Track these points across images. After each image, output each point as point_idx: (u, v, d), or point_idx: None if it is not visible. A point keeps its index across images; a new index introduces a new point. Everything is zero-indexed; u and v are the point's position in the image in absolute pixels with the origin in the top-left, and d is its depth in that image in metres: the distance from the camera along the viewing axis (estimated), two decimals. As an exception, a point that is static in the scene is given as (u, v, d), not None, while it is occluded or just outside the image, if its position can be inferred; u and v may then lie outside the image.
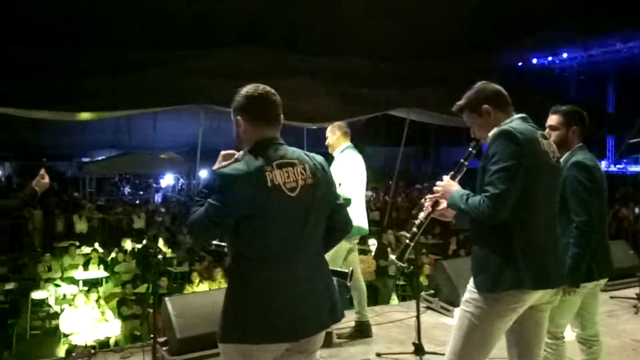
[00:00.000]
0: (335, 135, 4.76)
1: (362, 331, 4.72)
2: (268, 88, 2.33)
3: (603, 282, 3.16)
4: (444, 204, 2.62)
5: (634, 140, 12.60)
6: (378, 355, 4.27)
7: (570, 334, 3.21)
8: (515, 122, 2.47)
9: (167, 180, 23.46)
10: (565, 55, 24.69)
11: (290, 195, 2.17)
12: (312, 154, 2.36)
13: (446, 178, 2.63)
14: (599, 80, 25.53)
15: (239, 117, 2.29)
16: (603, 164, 23.80)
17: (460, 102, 2.62)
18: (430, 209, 2.67)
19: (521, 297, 2.35)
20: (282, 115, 2.33)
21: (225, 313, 2.20)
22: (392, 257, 2.88)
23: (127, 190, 23.17)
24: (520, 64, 24.79)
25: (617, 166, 23.01)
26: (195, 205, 2.22)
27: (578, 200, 2.91)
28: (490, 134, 2.47)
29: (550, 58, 25.22)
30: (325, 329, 2.31)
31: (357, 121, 17.68)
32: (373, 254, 10.41)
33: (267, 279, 2.17)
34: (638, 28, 20.70)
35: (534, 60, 25.14)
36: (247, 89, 2.32)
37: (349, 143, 4.76)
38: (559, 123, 3.11)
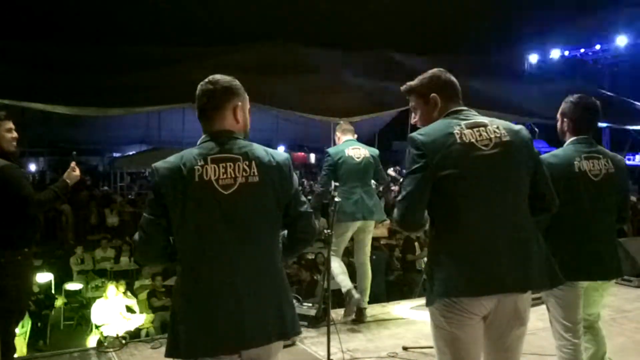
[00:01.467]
0: (337, 137, 5.17)
1: (357, 317, 4.90)
2: (210, 78, 2.23)
3: (595, 284, 2.95)
4: None
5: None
6: (405, 349, 4.27)
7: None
8: (433, 123, 2.34)
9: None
10: (598, 47, 24.12)
11: (223, 193, 2.01)
12: (276, 152, 2.19)
13: None
14: (634, 71, 24.89)
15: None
16: (637, 158, 23.19)
17: (412, 84, 2.53)
18: None
19: (456, 305, 2.15)
20: (229, 106, 2.18)
21: (169, 328, 2.08)
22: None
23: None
24: (550, 56, 24.33)
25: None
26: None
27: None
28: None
29: (582, 50, 24.67)
30: (266, 343, 2.08)
31: (385, 116, 17.65)
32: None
33: (199, 287, 2.01)
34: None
35: (566, 52, 24.62)
36: (202, 81, 2.23)
37: (348, 137, 5.08)
38: (558, 113, 3.06)
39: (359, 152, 4.96)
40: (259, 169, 2.07)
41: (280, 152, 2.23)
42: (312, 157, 34.69)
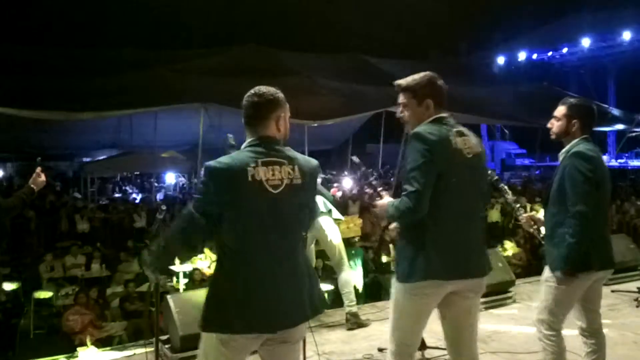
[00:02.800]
0: None
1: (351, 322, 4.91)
2: (261, 90, 2.42)
3: (604, 274, 3.16)
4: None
5: (634, 133, 12.57)
6: (380, 350, 4.29)
7: (570, 329, 3.21)
8: (428, 124, 2.59)
9: (169, 179, 23.46)
10: (565, 50, 24.66)
11: (272, 192, 2.26)
12: (310, 159, 2.46)
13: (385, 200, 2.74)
14: (600, 74, 25.52)
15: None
16: (604, 158, 23.80)
17: (406, 84, 2.72)
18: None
19: (433, 286, 2.53)
20: (276, 116, 2.40)
21: (207, 302, 2.30)
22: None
23: (128, 189, 23.18)
24: (519, 59, 24.78)
25: (619, 160, 22.98)
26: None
27: (575, 190, 2.94)
28: (411, 132, 2.61)
29: (550, 53, 25.19)
30: (304, 321, 2.40)
31: (360, 118, 17.73)
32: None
33: (247, 272, 2.26)
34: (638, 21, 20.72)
35: (534, 56, 25.11)
36: (249, 92, 2.43)
37: None
38: (562, 115, 3.14)
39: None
40: (301, 172, 2.35)
41: (312, 159, 2.48)
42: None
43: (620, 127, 19.63)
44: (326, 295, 5.20)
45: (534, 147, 20.40)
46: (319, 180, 5.20)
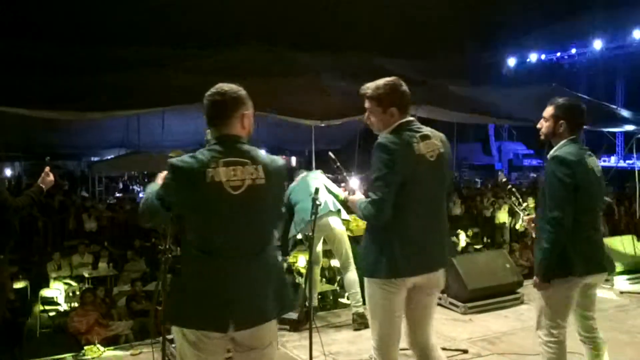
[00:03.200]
0: None
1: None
2: (222, 87, 2.41)
3: (593, 279, 3.05)
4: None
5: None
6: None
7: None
8: (391, 133, 2.72)
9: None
10: (574, 51, 24.51)
11: (232, 193, 2.23)
12: (276, 157, 2.45)
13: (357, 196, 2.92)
14: (609, 75, 25.34)
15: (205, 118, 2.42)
16: (612, 159, 23.61)
17: (370, 93, 2.83)
18: None
19: (396, 282, 2.71)
20: (239, 114, 2.38)
21: (169, 297, 2.39)
22: None
23: (136, 188, 23.27)
24: (529, 59, 24.67)
25: (627, 161, 22.79)
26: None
27: (552, 195, 2.91)
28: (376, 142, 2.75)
29: (558, 54, 25.05)
30: (268, 321, 2.36)
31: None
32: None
33: (207, 271, 2.28)
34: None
35: (542, 56, 24.98)
36: (210, 90, 2.42)
37: None
38: (549, 115, 3.10)
39: None
40: (265, 172, 2.32)
41: (279, 158, 2.48)
42: (293, 160, 34.68)
43: (629, 128, 19.47)
44: (330, 295, 5.21)
45: (542, 148, 20.31)
46: (327, 180, 5.21)
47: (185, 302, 2.29)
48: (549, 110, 3.11)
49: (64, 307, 8.97)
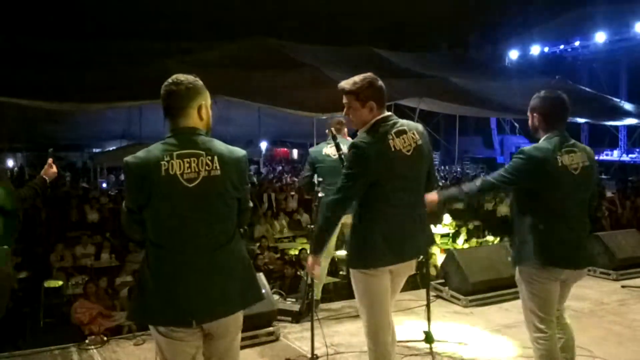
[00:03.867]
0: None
1: None
2: (177, 78, 2.35)
3: (566, 275, 3.03)
4: None
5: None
6: (388, 343, 4.28)
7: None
8: (366, 132, 2.80)
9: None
10: (577, 43, 24.42)
11: (188, 186, 2.23)
12: (236, 148, 2.41)
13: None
14: (612, 68, 25.26)
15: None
16: (615, 153, 23.57)
17: (349, 87, 2.86)
18: None
19: (375, 271, 2.83)
20: (195, 105, 2.34)
21: (133, 293, 2.42)
22: None
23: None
24: (532, 52, 24.60)
25: (630, 155, 22.77)
26: None
27: (505, 169, 3.05)
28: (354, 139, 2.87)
29: (562, 47, 24.96)
30: (232, 313, 2.37)
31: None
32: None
33: (167, 265, 2.26)
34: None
35: (546, 49, 24.90)
36: (166, 82, 2.37)
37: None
38: (529, 110, 3.12)
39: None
40: (220, 163, 2.29)
41: (239, 149, 2.43)
42: (295, 153, 34.67)
43: (632, 121, 19.44)
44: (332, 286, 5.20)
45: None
46: None
47: (148, 299, 2.27)
48: (529, 106, 3.12)
49: (67, 297, 9.00)
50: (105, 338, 4.46)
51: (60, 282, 9.23)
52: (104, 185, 19.65)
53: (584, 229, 3.06)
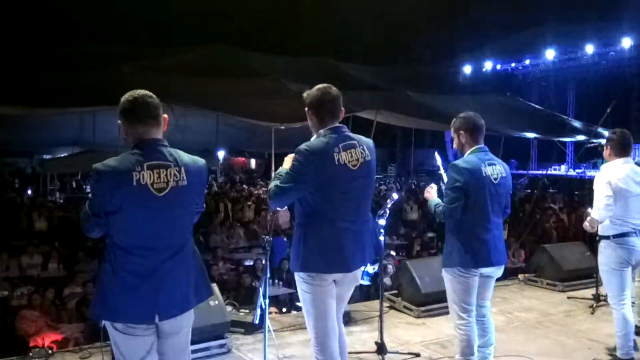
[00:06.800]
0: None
1: None
2: (144, 92, 2.48)
3: (485, 271, 3.44)
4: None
5: (592, 144, 12.96)
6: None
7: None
8: (318, 138, 2.90)
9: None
10: (527, 62, 25.23)
11: (157, 195, 2.36)
12: (197, 158, 2.56)
13: None
14: (561, 87, 26.18)
15: (119, 120, 2.48)
16: (563, 168, 24.37)
17: (305, 97, 3.03)
18: None
19: (316, 277, 2.87)
20: (161, 117, 2.50)
21: (95, 293, 2.50)
22: None
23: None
24: (484, 69, 25.26)
25: (577, 170, 23.58)
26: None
27: (445, 193, 3.41)
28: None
29: (513, 64, 25.73)
30: (190, 309, 2.56)
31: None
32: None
33: (131, 267, 2.38)
34: (599, 36, 21.37)
35: (498, 66, 25.63)
36: (126, 95, 2.47)
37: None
38: (452, 131, 3.56)
39: None
40: (187, 174, 2.45)
41: (199, 158, 2.58)
42: (253, 163, 34.46)
43: (579, 138, 20.16)
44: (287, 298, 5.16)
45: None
46: None
47: (111, 298, 2.38)
48: (452, 128, 3.56)
49: (11, 308, 8.66)
50: (50, 351, 4.32)
51: (5, 293, 8.88)
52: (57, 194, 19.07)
53: (501, 232, 3.55)
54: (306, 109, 3.01)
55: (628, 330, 4.05)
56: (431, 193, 3.62)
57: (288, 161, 2.96)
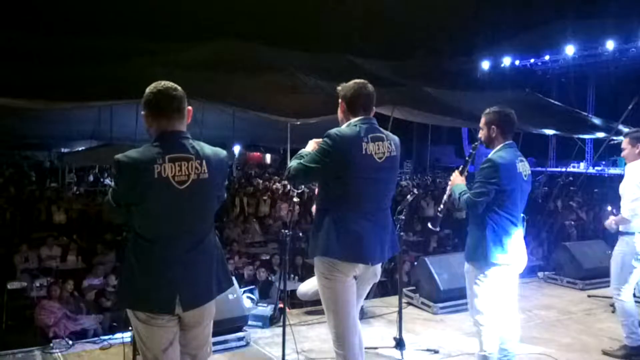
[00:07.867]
0: None
1: None
2: (169, 84, 2.47)
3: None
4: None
5: (614, 142, 12.79)
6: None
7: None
8: (346, 126, 2.93)
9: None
10: (547, 57, 24.93)
11: (178, 188, 2.37)
12: (219, 150, 2.57)
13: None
14: (581, 83, 25.85)
15: (142, 112, 2.47)
16: (582, 166, 24.09)
17: (339, 89, 3.08)
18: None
19: (336, 267, 2.86)
20: (185, 109, 2.49)
21: (119, 283, 2.55)
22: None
23: (108, 181, 22.92)
24: (503, 64, 25.00)
25: (596, 168, 23.31)
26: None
27: (477, 184, 3.32)
28: None
29: (532, 60, 25.44)
30: (209, 301, 2.56)
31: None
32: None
33: (155, 259, 2.40)
34: (620, 32, 21.05)
35: (517, 62, 25.35)
36: (150, 86, 2.47)
37: None
38: (483, 123, 3.49)
39: None
40: (208, 166, 2.45)
41: (221, 150, 2.58)
42: (268, 158, 34.55)
43: (599, 135, 19.90)
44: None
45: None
46: None
47: (134, 287, 2.41)
48: (483, 120, 3.50)
49: (31, 299, 8.78)
50: (70, 342, 4.36)
51: (24, 284, 9.01)
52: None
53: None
54: (339, 100, 3.04)
55: (632, 319, 4.24)
56: (458, 177, 3.55)
57: (312, 144, 3.00)
